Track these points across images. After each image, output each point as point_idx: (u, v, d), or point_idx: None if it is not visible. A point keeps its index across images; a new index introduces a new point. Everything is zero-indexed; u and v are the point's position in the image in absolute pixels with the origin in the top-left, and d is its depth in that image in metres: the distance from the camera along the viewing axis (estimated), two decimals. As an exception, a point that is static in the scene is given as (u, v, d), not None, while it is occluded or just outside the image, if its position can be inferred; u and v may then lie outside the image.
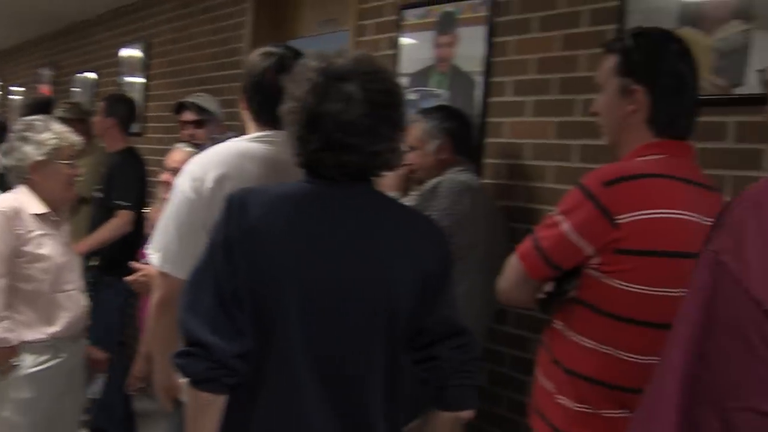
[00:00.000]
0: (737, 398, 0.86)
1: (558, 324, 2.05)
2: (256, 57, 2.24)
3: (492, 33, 3.40)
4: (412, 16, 3.85)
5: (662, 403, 0.89)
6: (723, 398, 0.86)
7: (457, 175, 3.01)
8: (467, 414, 1.97)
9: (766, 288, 0.85)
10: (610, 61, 2.07)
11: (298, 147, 1.83)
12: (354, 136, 1.76)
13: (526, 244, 2.04)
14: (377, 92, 1.78)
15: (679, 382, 0.88)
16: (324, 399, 1.78)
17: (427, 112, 3.24)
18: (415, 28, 3.84)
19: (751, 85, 2.43)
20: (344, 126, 1.75)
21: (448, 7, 3.64)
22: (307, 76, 1.79)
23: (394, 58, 3.92)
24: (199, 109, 4.27)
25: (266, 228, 1.76)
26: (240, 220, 1.76)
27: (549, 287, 2.07)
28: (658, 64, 2.00)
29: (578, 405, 1.97)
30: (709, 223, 1.94)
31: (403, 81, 3.81)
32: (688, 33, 2.41)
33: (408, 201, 2.92)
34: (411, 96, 3.76)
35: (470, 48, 3.50)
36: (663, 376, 0.91)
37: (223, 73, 5.50)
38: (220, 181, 2.10)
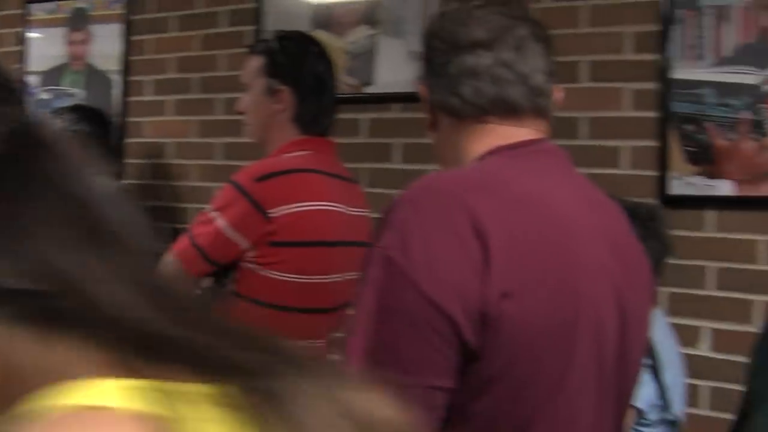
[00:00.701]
0: (412, 376, 0.99)
1: (218, 319, 2.08)
2: None
3: (129, 31, 3.35)
4: (40, 10, 3.66)
5: None
6: (399, 377, 0.99)
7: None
8: None
9: (430, 281, 0.98)
10: (256, 62, 2.13)
11: None
12: None
13: (182, 242, 2.03)
14: None
15: (362, 366, 1.00)
16: None
17: (60, 113, 3.10)
18: (43, 24, 3.66)
19: (379, 85, 2.66)
20: None
21: (80, 3, 3.51)
22: None
23: (21, 55, 3.71)
24: None
25: None
26: None
27: (207, 283, 2.09)
28: (300, 65, 2.11)
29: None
30: (353, 214, 2.13)
31: (33, 79, 3.62)
32: (321, 36, 2.56)
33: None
34: (43, 95, 3.58)
35: (106, 46, 3.41)
36: (347, 362, 1.00)
37: None
38: None
